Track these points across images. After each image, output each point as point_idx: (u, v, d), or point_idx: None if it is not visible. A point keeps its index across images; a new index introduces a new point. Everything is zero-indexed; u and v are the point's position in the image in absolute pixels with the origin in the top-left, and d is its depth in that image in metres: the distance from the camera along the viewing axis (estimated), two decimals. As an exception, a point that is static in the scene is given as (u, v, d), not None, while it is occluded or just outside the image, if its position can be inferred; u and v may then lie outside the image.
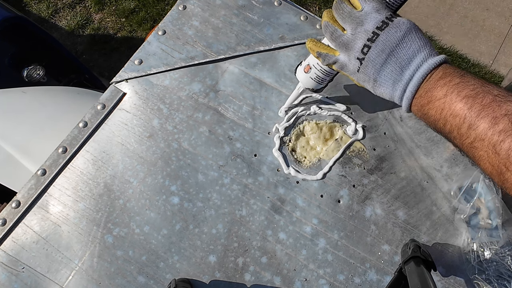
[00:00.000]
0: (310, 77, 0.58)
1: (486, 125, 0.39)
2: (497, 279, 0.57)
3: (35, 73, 1.27)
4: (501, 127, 0.38)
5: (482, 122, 0.39)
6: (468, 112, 0.40)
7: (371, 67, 0.47)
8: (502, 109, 0.38)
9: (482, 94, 0.40)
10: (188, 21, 0.71)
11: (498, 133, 0.38)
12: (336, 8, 0.49)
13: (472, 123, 0.40)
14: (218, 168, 0.63)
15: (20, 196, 0.61)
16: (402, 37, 0.45)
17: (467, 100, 0.40)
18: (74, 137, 0.64)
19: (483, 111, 0.39)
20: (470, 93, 0.41)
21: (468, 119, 0.40)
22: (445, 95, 0.42)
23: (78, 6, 2.04)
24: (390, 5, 0.49)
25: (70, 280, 0.58)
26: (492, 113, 0.39)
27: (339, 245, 0.60)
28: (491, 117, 0.39)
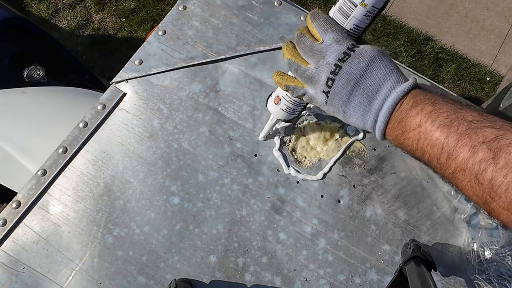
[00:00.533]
0: (281, 108, 0.56)
1: (466, 154, 0.38)
2: (498, 279, 0.57)
3: (35, 73, 1.27)
4: (481, 156, 0.37)
5: (461, 151, 0.38)
6: (446, 142, 0.39)
7: (338, 99, 0.45)
8: (479, 136, 0.37)
9: (457, 121, 0.39)
10: (188, 21, 0.71)
11: (478, 163, 0.37)
12: (298, 42, 0.48)
13: (451, 153, 0.39)
14: (218, 168, 0.63)
15: (20, 197, 0.61)
16: (366, 67, 0.44)
17: (443, 129, 0.40)
18: (74, 137, 0.64)
19: (460, 140, 0.38)
20: (444, 122, 0.40)
21: (446, 149, 0.39)
22: (419, 125, 0.41)
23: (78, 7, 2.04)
24: (352, 34, 0.48)
25: (71, 280, 0.58)
26: (469, 141, 0.38)
27: (339, 245, 0.60)
28: (469, 146, 0.38)
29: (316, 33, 0.47)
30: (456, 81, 1.97)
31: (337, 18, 0.48)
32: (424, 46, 1.99)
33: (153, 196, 0.62)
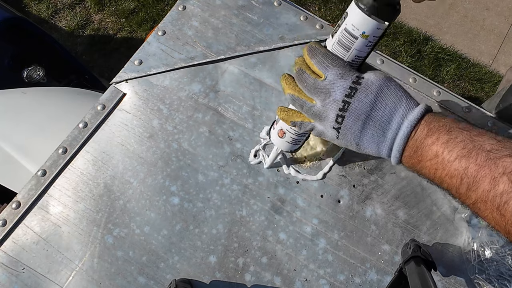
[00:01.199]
0: (286, 141, 0.55)
1: (486, 187, 0.37)
2: (498, 279, 0.57)
3: (35, 73, 1.27)
4: (502, 188, 0.36)
5: (481, 183, 0.38)
6: (464, 173, 0.39)
7: (350, 134, 0.44)
8: (499, 167, 0.37)
9: (475, 151, 0.38)
10: (188, 21, 0.71)
11: (500, 195, 0.37)
12: (299, 80, 0.47)
13: (470, 185, 0.39)
14: (218, 168, 0.63)
15: (20, 197, 0.61)
16: (375, 99, 0.43)
17: (461, 160, 0.39)
18: (74, 137, 0.64)
19: (480, 171, 0.38)
20: (462, 152, 0.39)
21: (465, 181, 0.39)
22: (436, 155, 0.40)
23: (78, 7, 2.04)
24: (353, 64, 0.47)
25: (71, 280, 0.58)
26: (489, 173, 0.37)
27: (339, 245, 0.60)
28: (490, 178, 0.37)
29: (317, 70, 0.46)
30: (456, 81, 1.97)
31: (337, 51, 0.47)
32: (424, 46, 1.99)
33: (153, 196, 0.62)
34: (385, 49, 1.96)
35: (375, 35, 0.45)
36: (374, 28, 0.44)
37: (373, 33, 0.45)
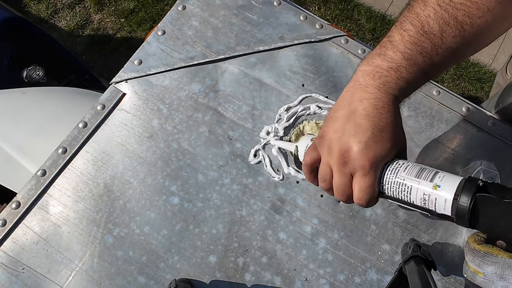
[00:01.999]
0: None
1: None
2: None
3: (35, 73, 1.27)
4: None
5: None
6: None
7: None
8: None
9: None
10: (188, 21, 0.71)
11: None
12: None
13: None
14: (218, 168, 0.63)
15: (20, 197, 0.61)
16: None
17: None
18: (74, 137, 0.64)
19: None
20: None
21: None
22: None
23: (78, 7, 2.04)
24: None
25: (71, 280, 0.58)
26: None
27: (339, 244, 0.60)
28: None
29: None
30: (456, 81, 1.97)
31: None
32: (424, 45, 1.99)
33: (153, 196, 0.62)
34: None
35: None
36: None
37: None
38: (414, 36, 0.42)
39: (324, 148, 0.46)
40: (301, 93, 0.67)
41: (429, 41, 0.42)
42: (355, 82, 0.45)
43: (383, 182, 0.43)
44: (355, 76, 0.46)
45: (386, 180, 0.43)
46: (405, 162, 0.43)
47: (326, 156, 0.45)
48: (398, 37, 0.43)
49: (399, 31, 0.43)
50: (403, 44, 0.42)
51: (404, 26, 0.43)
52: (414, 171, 0.41)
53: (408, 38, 0.42)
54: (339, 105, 0.46)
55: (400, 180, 0.42)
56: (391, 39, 0.44)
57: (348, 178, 0.44)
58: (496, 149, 0.66)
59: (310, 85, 0.68)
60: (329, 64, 0.69)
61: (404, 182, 0.41)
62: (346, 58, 0.70)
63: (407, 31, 0.43)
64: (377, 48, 0.45)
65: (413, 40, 0.42)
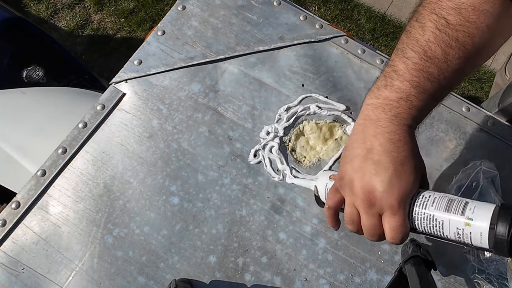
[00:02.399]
0: (328, 187, 0.51)
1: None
2: (497, 278, 0.57)
3: (35, 73, 1.27)
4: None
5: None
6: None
7: None
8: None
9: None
10: (188, 21, 0.71)
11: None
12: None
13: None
14: (218, 168, 0.63)
15: (20, 197, 0.61)
16: None
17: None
18: (73, 137, 0.64)
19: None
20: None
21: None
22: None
23: (77, 7, 2.04)
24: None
25: (70, 281, 0.58)
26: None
27: (339, 244, 0.60)
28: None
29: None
30: (456, 81, 1.97)
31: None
32: (423, 45, 1.99)
33: (152, 196, 0.62)
34: (385, 49, 1.96)
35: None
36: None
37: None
38: (418, 62, 0.41)
39: (346, 190, 0.44)
40: (301, 93, 0.67)
41: (435, 66, 0.41)
42: (366, 116, 0.44)
43: (413, 218, 0.42)
44: (364, 110, 0.44)
45: (415, 216, 0.42)
46: (432, 195, 0.42)
47: (350, 197, 0.44)
48: (402, 66, 0.42)
49: (402, 59, 0.42)
50: (409, 72, 0.42)
51: (406, 54, 0.42)
52: (443, 204, 0.40)
53: (412, 65, 0.42)
54: (354, 143, 0.44)
55: (430, 215, 0.41)
56: (395, 68, 0.43)
57: (377, 218, 0.42)
58: (496, 149, 0.66)
59: (310, 85, 0.68)
60: (329, 64, 0.69)
61: (434, 217, 0.40)
62: (346, 58, 0.70)
63: (411, 59, 0.42)
64: (381, 79, 0.44)
65: (419, 67, 0.41)
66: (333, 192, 0.47)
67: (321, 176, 0.54)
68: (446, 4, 0.42)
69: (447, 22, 0.41)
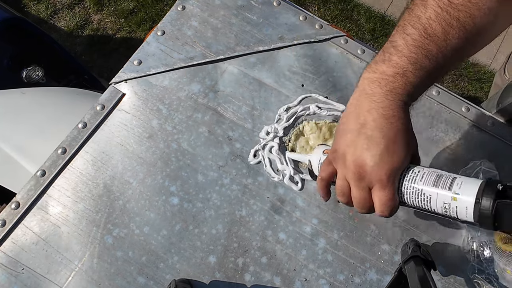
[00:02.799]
0: (321, 161, 0.53)
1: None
2: (497, 278, 0.57)
3: (34, 74, 1.27)
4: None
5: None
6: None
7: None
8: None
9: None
10: (187, 21, 0.71)
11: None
12: None
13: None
14: (218, 168, 0.63)
15: (19, 197, 0.61)
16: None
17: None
18: (73, 138, 0.64)
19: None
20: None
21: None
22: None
23: (77, 7, 2.04)
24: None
25: (70, 281, 0.58)
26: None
27: (339, 245, 0.60)
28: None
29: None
30: (455, 81, 1.97)
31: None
32: (423, 45, 1.99)
33: (152, 197, 0.62)
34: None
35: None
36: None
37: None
38: (418, 39, 0.42)
39: (339, 163, 0.45)
40: (300, 93, 0.67)
41: (434, 44, 0.42)
42: (361, 91, 0.44)
43: (402, 192, 0.43)
44: (360, 84, 0.45)
45: (404, 190, 0.43)
46: (421, 170, 0.43)
47: (342, 170, 0.45)
48: (402, 42, 0.42)
49: (402, 35, 0.43)
50: (408, 48, 0.42)
51: (406, 30, 0.43)
52: (431, 179, 0.41)
53: (412, 42, 0.42)
54: (348, 117, 0.45)
55: (419, 190, 0.42)
56: (394, 44, 0.43)
57: (366, 191, 0.43)
58: (496, 149, 0.66)
59: (310, 85, 0.68)
60: (328, 64, 0.69)
61: (423, 192, 0.41)
62: (346, 58, 0.70)
63: (410, 35, 0.42)
64: (380, 54, 0.44)
65: (418, 44, 0.42)
66: (326, 164, 0.48)
67: (315, 150, 0.56)
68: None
69: (449, 1, 0.41)
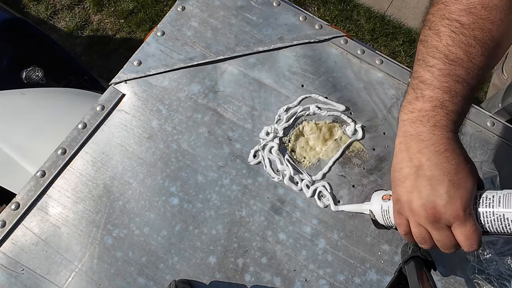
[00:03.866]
0: (383, 208, 0.52)
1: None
2: (497, 278, 0.57)
3: (34, 74, 1.27)
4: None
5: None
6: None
7: None
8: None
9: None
10: (187, 22, 0.71)
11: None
12: None
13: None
14: (218, 169, 0.63)
15: (19, 198, 0.61)
16: None
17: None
18: (73, 138, 0.64)
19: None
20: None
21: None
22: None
23: (77, 8, 2.04)
24: None
25: (70, 281, 0.58)
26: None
27: (339, 245, 0.60)
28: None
29: None
30: (455, 81, 1.97)
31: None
32: (423, 46, 1.99)
33: (152, 197, 0.62)
34: (384, 49, 1.96)
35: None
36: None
37: None
38: (443, 68, 0.41)
39: (407, 212, 0.44)
40: (300, 94, 0.67)
41: (460, 67, 0.41)
42: (405, 133, 0.44)
43: (481, 221, 0.42)
44: (402, 127, 0.44)
45: (483, 219, 0.42)
46: (495, 194, 0.42)
47: (413, 218, 0.44)
48: (429, 75, 0.42)
49: (426, 69, 0.42)
50: (437, 79, 0.41)
51: (428, 62, 0.42)
52: (509, 202, 0.40)
53: (438, 72, 0.42)
54: (400, 163, 0.44)
55: (500, 214, 0.41)
56: (422, 79, 0.43)
57: (447, 230, 0.42)
58: (496, 149, 0.66)
59: (310, 85, 0.68)
60: (328, 65, 0.69)
61: (505, 216, 0.40)
62: (346, 58, 0.70)
63: (435, 66, 0.42)
64: (410, 93, 0.44)
65: (445, 72, 0.41)
66: (398, 217, 0.47)
67: (374, 198, 0.54)
68: (455, 7, 0.42)
69: (460, 24, 0.41)
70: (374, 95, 0.68)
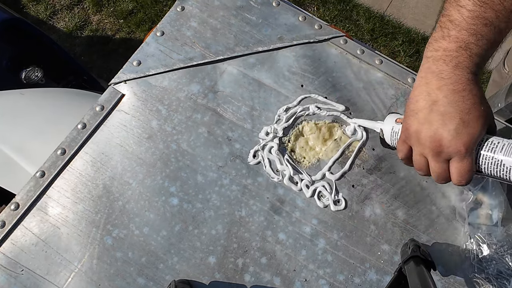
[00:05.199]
0: (394, 130, 0.54)
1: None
2: (497, 278, 0.57)
3: (33, 74, 1.27)
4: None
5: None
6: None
7: None
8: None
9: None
10: (187, 22, 0.71)
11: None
12: None
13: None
14: (217, 169, 0.63)
15: (19, 198, 0.61)
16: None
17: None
18: (72, 138, 0.64)
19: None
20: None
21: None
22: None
23: (76, 8, 2.04)
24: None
25: (70, 282, 0.58)
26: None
27: (338, 245, 0.60)
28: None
29: None
30: (454, 81, 1.97)
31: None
32: (422, 45, 1.99)
33: (152, 197, 0.62)
34: (384, 49, 1.96)
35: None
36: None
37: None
38: (473, 9, 0.42)
39: (413, 141, 0.46)
40: (300, 94, 0.67)
41: (490, 9, 0.41)
42: (427, 69, 0.45)
43: (479, 162, 0.44)
44: (425, 63, 0.45)
45: (482, 160, 0.43)
46: (501, 141, 0.43)
47: (417, 147, 0.46)
48: (458, 15, 0.42)
49: (456, 8, 0.43)
50: (465, 21, 0.42)
51: (459, 2, 0.42)
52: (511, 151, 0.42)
53: (467, 13, 0.42)
54: (417, 96, 0.45)
55: (498, 160, 0.42)
56: (451, 18, 0.43)
57: (445, 164, 0.45)
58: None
59: (309, 85, 0.68)
60: (328, 65, 0.69)
61: (502, 163, 0.42)
62: (345, 58, 0.70)
63: (465, 6, 0.42)
64: (438, 31, 0.44)
65: (474, 14, 0.42)
66: (401, 143, 0.49)
67: (387, 119, 0.56)
68: None
69: None
70: (374, 95, 0.68)
